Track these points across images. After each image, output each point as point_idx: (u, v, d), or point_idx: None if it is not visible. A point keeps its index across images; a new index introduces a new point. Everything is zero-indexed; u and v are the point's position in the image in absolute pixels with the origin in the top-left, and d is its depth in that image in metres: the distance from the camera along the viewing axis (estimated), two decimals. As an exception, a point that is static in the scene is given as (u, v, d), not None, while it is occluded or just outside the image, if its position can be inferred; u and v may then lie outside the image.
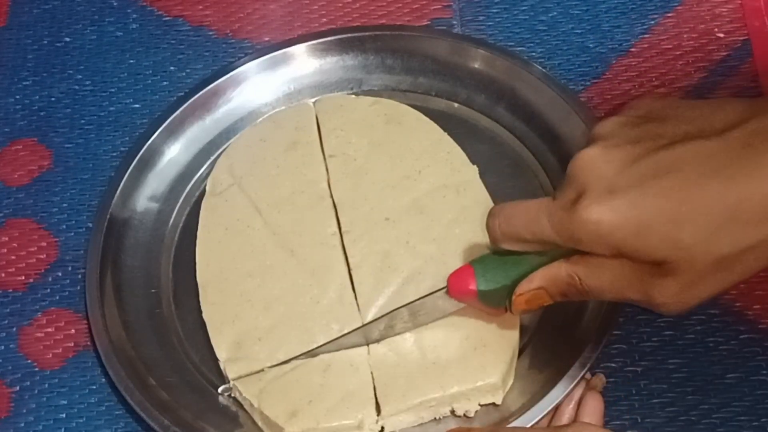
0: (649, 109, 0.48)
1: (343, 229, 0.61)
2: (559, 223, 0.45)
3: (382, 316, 0.57)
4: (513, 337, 0.57)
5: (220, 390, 0.58)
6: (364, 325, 0.57)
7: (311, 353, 0.57)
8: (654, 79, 0.69)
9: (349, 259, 0.60)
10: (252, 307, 0.59)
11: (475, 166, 0.64)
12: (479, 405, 0.56)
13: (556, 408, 0.54)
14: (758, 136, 0.42)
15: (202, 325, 0.59)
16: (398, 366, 0.56)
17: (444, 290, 0.54)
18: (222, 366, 0.58)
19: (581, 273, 0.47)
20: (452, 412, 0.56)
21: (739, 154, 0.42)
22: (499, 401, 0.56)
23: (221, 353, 0.58)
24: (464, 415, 0.56)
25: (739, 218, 0.42)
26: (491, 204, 0.62)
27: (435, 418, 0.56)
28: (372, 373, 0.56)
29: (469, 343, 0.56)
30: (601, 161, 0.45)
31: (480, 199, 0.62)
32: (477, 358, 0.56)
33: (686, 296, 0.44)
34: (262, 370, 0.57)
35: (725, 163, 0.42)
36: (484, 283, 0.51)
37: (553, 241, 0.46)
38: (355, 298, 0.59)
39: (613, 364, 0.58)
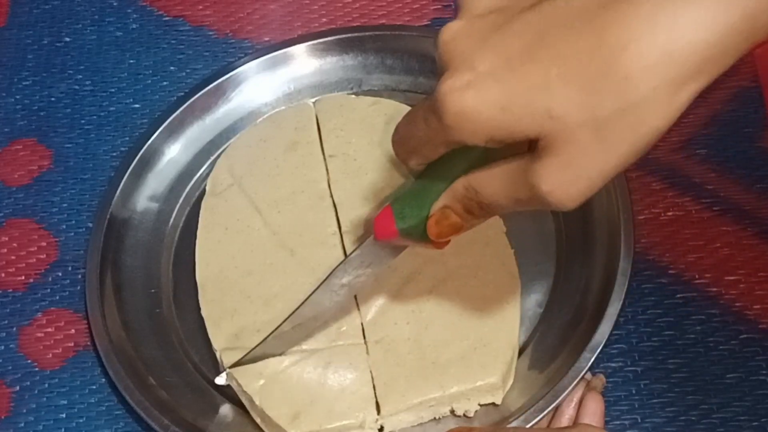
0: None
1: (343, 230, 0.62)
2: (431, 111, 0.41)
3: (323, 282, 0.54)
4: (513, 337, 0.57)
5: (217, 380, 0.57)
6: (322, 282, 0.55)
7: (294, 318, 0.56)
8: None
9: None
10: (251, 304, 0.59)
11: (474, 167, 0.64)
12: (479, 405, 0.56)
13: (556, 409, 0.54)
14: None
15: (202, 324, 0.60)
16: (398, 366, 0.56)
17: (371, 238, 0.51)
18: (218, 356, 0.57)
19: (476, 183, 0.43)
20: (452, 411, 0.56)
21: (607, 5, 0.37)
22: (498, 401, 0.56)
23: (218, 343, 0.58)
24: (464, 414, 0.56)
25: (616, 72, 0.37)
26: None
27: (435, 418, 0.56)
28: (371, 372, 0.56)
29: (469, 343, 0.56)
30: (462, 36, 0.40)
31: (480, 198, 0.62)
32: (477, 358, 0.56)
33: (571, 178, 0.39)
34: (261, 361, 0.57)
35: (594, 15, 0.37)
36: (402, 221, 0.48)
37: (428, 138, 0.42)
38: (355, 298, 0.59)
39: (613, 364, 0.58)
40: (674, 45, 0.36)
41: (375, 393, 0.56)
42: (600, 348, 0.55)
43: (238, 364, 0.57)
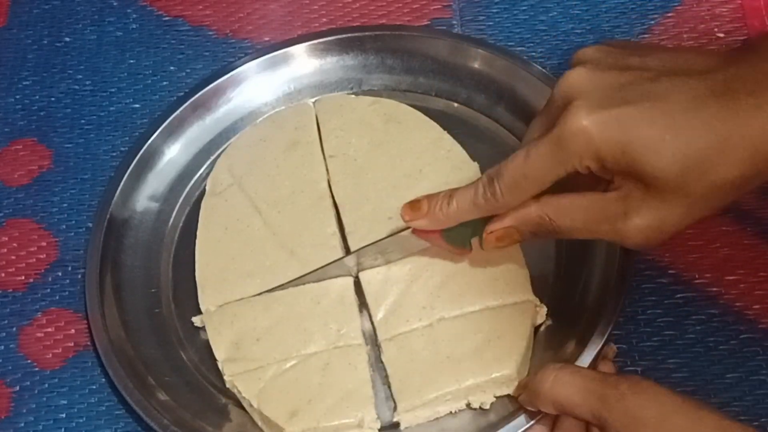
0: (628, 44, 0.50)
1: (346, 230, 0.62)
2: (548, 134, 0.47)
3: (352, 253, 0.59)
4: (527, 328, 0.57)
5: (193, 319, 0.60)
6: (337, 260, 0.59)
7: (296, 282, 0.59)
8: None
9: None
10: (251, 307, 0.59)
11: (475, 164, 0.64)
12: (494, 397, 0.56)
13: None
14: (737, 81, 0.44)
15: (202, 324, 0.60)
16: (412, 362, 0.56)
17: (409, 230, 0.55)
18: (220, 366, 0.58)
19: (551, 212, 0.49)
20: (468, 405, 0.56)
21: (721, 94, 0.44)
22: (514, 392, 0.56)
23: (220, 354, 0.58)
24: (480, 407, 0.56)
25: (719, 155, 0.44)
26: None
27: (451, 412, 0.56)
28: (386, 370, 0.57)
29: (482, 335, 0.56)
30: (588, 81, 0.47)
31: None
32: (491, 351, 0.56)
33: (654, 230, 0.46)
34: (261, 368, 0.57)
35: (709, 101, 0.44)
36: (448, 232, 0.53)
37: (543, 160, 0.47)
38: (355, 299, 0.59)
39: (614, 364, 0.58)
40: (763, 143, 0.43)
41: (390, 390, 0.56)
42: (600, 348, 0.55)
43: None
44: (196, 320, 0.60)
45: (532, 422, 0.54)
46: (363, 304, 0.60)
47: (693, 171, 0.44)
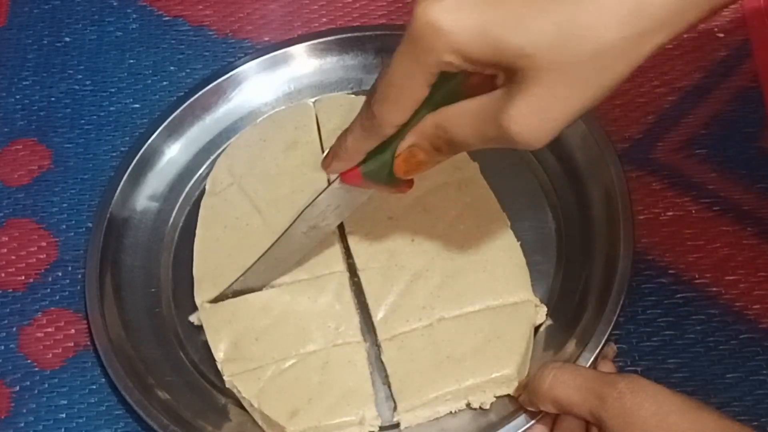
0: None
1: (346, 230, 0.62)
2: (405, 35, 0.42)
3: (292, 224, 0.56)
4: (527, 328, 0.57)
5: (190, 318, 0.60)
6: (289, 226, 0.57)
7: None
8: (654, 79, 0.69)
9: (355, 259, 0.60)
10: (249, 306, 0.59)
11: (476, 163, 0.64)
12: (494, 397, 0.56)
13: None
14: None
15: (201, 323, 0.60)
16: (412, 362, 0.56)
17: (337, 180, 0.52)
18: (219, 366, 0.58)
19: (444, 121, 0.45)
20: (468, 405, 0.56)
21: None
22: (514, 392, 0.56)
23: (219, 354, 0.58)
24: (480, 407, 0.56)
25: (589, 21, 0.39)
26: (494, 200, 0.62)
27: (451, 412, 0.56)
28: (387, 370, 0.57)
29: (482, 335, 0.56)
30: None
31: (482, 195, 0.62)
32: (491, 350, 0.56)
33: (539, 119, 0.41)
34: (260, 368, 0.57)
35: None
36: (365, 165, 0.49)
37: (406, 74, 0.43)
38: (352, 296, 0.60)
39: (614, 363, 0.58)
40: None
41: (391, 390, 0.56)
42: (600, 348, 0.55)
43: (218, 299, 0.59)
44: (193, 318, 0.60)
45: (533, 422, 0.54)
46: (363, 304, 0.60)
47: (566, 39, 0.39)
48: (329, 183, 0.63)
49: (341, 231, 0.62)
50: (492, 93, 0.43)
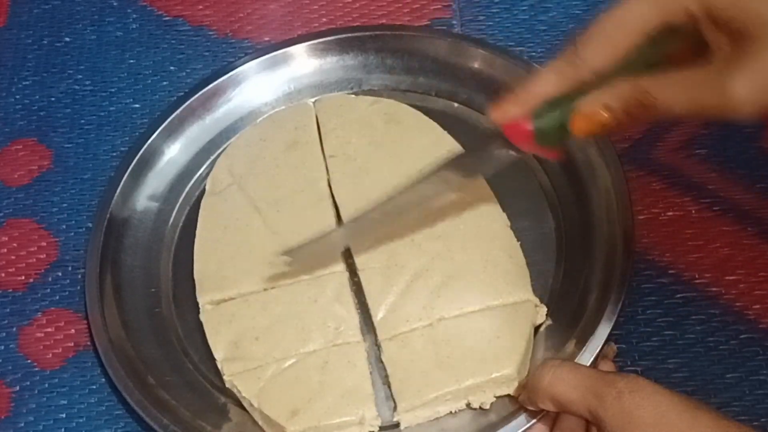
0: None
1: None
2: None
3: (439, 168, 0.55)
4: (527, 328, 0.57)
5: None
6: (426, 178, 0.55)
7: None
8: (654, 79, 0.68)
9: (355, 259, 0.60)
10: (249, 306, 0.59)
11: (476, 163, 0.64)
12: (494, 397, 0.56)
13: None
14: None
15: (201, 324, 0.60)
16: (412, 362, 0.56)
17: (498, 140, 0.51)
18: (219, 365, 0.58)
19: (650, 85, 0.44)
20: (468, 405, 0.56)
21: None
22: (514, 392, 0.56)
23: (218, 353, 0.58)
24: (480, 407, 0.56)
25: None
26: (494, 199, 0.62)
27: (451, 412, 0.56)
28: (386, 370, 0.57)
29: (482, 335, 0.56)
30: None
31: (483, 194, 0.62)
32: (491, 350, 0.56)
33: (765, 90, 0.41)
34: (260, 367, 0.57)
35: None
36: (540, 121, 0.48)
37: (643, 11, 0.44)
38: (352, 296, 0.60)
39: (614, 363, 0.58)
40: None
41: (391, 390, 0.56)
42: (600, 348, 0.55)
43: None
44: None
45: (533, 422, 0.54)
46: (363, 304, 0.60)
47: None
48: (329, 184, 0.63)
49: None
50: (711, 64, 0.43)
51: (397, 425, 0.56)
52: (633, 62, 0.45)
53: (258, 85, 0.69)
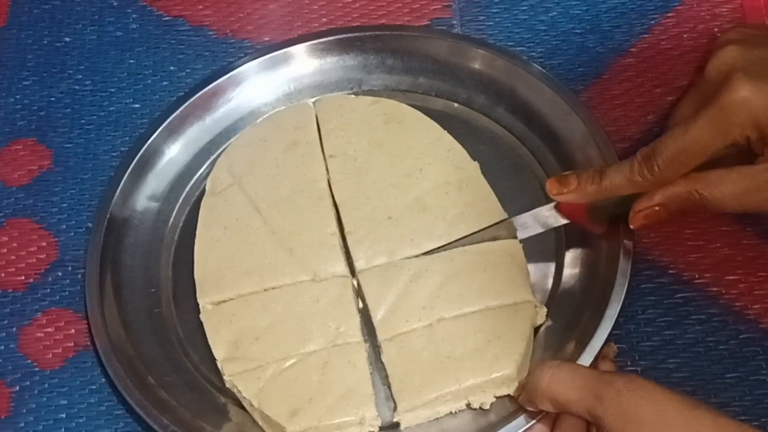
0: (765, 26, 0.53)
1: (346, 230, 0.62)
2: (707, 107, 0.49)
3: (509, 218, 0.60)
4: (526, 328, 0.57)
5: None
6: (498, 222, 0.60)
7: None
8: (654, 78, 0.69)
9: (354, 261, 0.60)
10: (249, 307, 0.59)
11: (476, 163, 0.64)
12: (494, 397, 0.56)
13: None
14: None
15: (201, 324, 0.60)
16: (412, 362, 0.56)
17: (553, 204, 0.57)
18: (219, 365, 0.58)
19: (701, 187, 0.51)
20: (468, 405, 0.56)
21: None
22: (514, 392, 0.56)
23: (219, 353, 0.58)
24: (480, 407, 0.56)
25: None
26: (494, 199, 0.62)
27: (451, 412, 0.56)
28: (386, 370, 0.57)
29: (482, 336, 0.56)
30: (742, 56, 0.51)
31: (483, 194, 0.62)
32: (491, 350, 0.56)
33: None
34: (260, 367, 0.57)
35: None
36: (593, 204, 0.55)
37: (704, 132, 0.49)
38: (354, 297, 0.60)
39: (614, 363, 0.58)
40: None
41: (391, 390, 0.56)
42: (600, 348, 0.55)
43: None
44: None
45: (533, 422, 0.54)
46: (363, 304, 0.60)
47: None
48: (329, 184, 0.63)
49: (341, 232, 0.62)
50: (758, 166, 0.49)
51: (397, 425, 0.56)
52: None
53: (258, 85, 0.69)
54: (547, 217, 0.59)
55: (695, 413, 0.45)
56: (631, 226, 0.54)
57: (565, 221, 0.58)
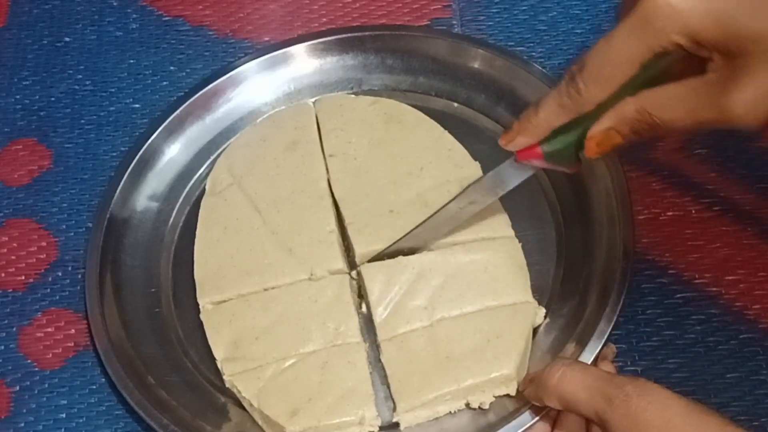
0: None
1: (346, 222, 0.62)
2: (634, 13, 0.45)
3: (458, 196, 0.58)
4: (526, 328, 0.57)
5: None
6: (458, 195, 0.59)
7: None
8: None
9: (354, 246, 0.61)
10: (249, 306, 0.59)
11: (477, 162, 0.64)
12: (494, 396, 0.56)
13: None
14: None
15: (201, 324, 0.60)
16: (412, 362, 0.56)
17: (512, 159, 0.54)
18: (219, 365, 0.58)
19: (650, 106, 0.47)
20: (467, 405, 0.56)
21: None
22: (513, 392, 0.56)
23: (219, 353, 0.58)
24: (479, 407, 0.56)
25: None
26: (496, 200, 0.62)
27: (450, 412, 0.56)
28: (386, 370, 0.57)
29: (482, 336, 0.57)
30: None
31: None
32: (490, 350, 0.56)
33: (763, 103, 0.43)
34: (260, 367, 0.57)
35: None
36: (548, 145, 0.51)
37: (625, 49, 0.46)
38: (352, 296, 0.60)
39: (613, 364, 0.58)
40: None
41: (390, 390, 0.56)
42: (600, 348, 0.55)
43: (376, 258, 0.60)
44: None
45: (533, 422, 0.54)
46: (363, 304, 0.60)
47: None
48: (329, 184, 0.63)
49: (342, 231, 0.62)
50: (706, 76, 0.45)
51: (396, 425, 0.56)
52: (634, 83, 0.47)
53: (258, 85, 0.69)
54: (512, 173, 0.56)
55: (703, 420, 0.45)
56: (587, 155, 0.50)
57: (531, 171, 0.55)
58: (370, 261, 0.60)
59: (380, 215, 0.61)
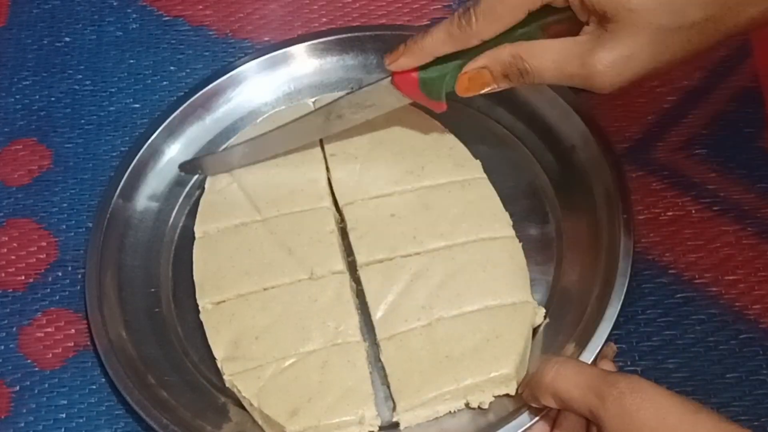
0: None
1: (348, 227, 0.62)
2: None
3: (324, 106, 0.60)
4: (525, 327, 0.57)
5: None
6: (313, 112, 0.61)
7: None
8: (654, 78, 0.69)
9: (356, 255, 0.60)
10: (249, 306, 0.59)
11: (478, 161, 0.64)
12: (493, 396, 0.56)
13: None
14: None
15: (201, 324, 0.60)
16: (411, 362, 0.56)
17: (389, 79, 0.56)
18: (219, 365, 0.58)
19: (524, 53, 0.51)
20: (467, 404, 0.56)
21: None
22: (512, 392, 0.56)
23: (218, 352, 0.58)
24: (479, 407, 0.56)
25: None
26: (497, 199, 0.62)
27: (450, 412, 0.56)
28: (385, 370, 0.57)
29: (481, 335, 0.56)
30: None
31: (486, 193, 0.62)
32: (490, 350, 0.56)
33: (623, 67, 0.48)
34: (260, 367, 0.57)
35: None
36: (424, 71, 0.54)
37: None
38: (352, 296, 0.60)
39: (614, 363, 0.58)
40: None
41: (390, 390, 0.56)
42: (600, 348, 0.55)
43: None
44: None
45: (532, 422, 0.54)
46: (362, 303, 0.60)
47: (666, 6, 0.46)
48: (329, 183, 0.63)
49: (342, 231, 0.62)
50: (579, 37, 0.49)
51: (396, 425, 0.56)
52: (516, 32, 0.51)
53: (258, 85, 0.69)
54: (383, 97, 0.58)
55: (697, 417, 0.45)
56: (458, 92, 0.54)
57: (400, 102, 0.58)
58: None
59: (381, 219, 0.61)
